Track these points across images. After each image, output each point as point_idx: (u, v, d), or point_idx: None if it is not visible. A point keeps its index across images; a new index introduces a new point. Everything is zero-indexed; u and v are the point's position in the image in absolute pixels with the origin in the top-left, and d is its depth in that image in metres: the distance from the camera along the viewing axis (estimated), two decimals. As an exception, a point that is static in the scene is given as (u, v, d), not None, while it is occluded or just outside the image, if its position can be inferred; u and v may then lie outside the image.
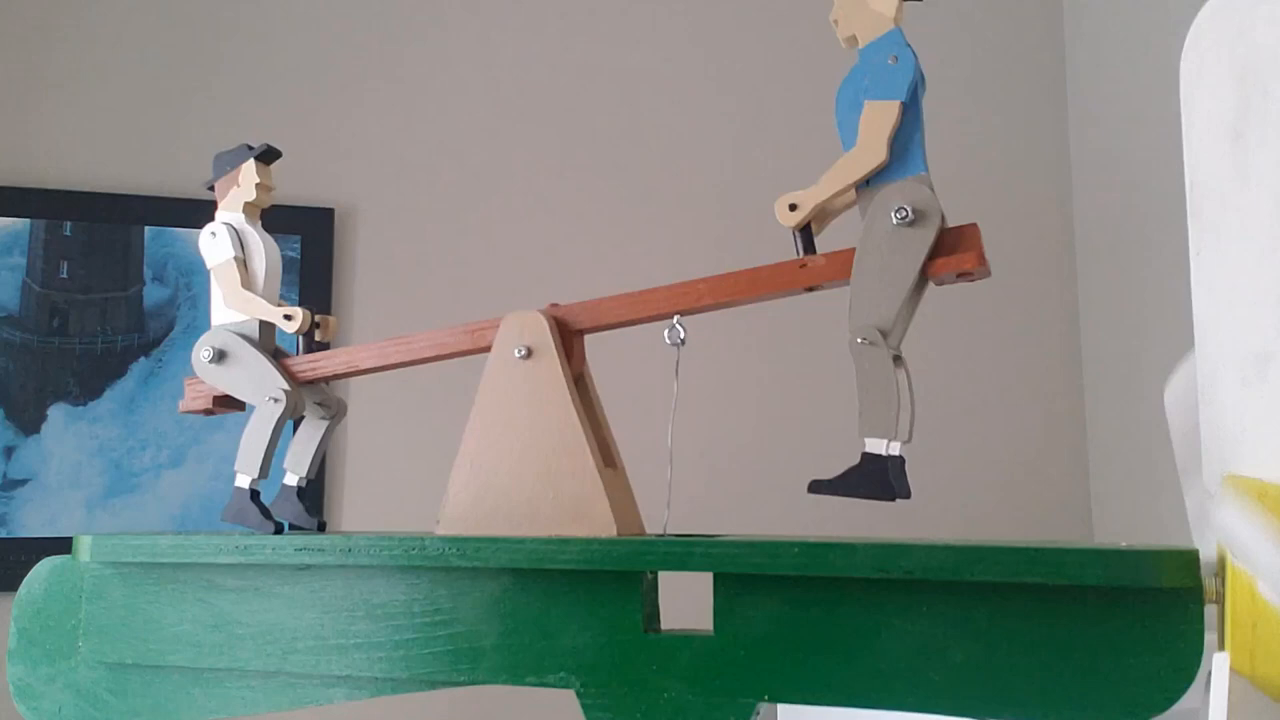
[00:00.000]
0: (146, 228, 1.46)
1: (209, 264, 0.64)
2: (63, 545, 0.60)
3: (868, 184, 0.51)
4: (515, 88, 1.63)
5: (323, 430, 0.65)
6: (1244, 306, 0.38)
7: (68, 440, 1.40)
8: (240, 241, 0.63)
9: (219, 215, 0.65)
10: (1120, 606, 0.44)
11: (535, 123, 1.63)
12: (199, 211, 1.54)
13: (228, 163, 0.65)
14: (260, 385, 0.62)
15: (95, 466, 1.41)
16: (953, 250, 0.50)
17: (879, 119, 0.51)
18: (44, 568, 0.62)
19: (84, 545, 0.59)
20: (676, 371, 0.56)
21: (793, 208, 0.52)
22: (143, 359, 1.44)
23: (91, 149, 1.48)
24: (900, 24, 0.52)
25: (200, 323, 1.45)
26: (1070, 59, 1.81)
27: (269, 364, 0.62)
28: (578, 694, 0.51)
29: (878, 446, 0.50)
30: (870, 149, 0.51)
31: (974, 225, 0.50)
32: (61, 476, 1.39)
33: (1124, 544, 0.45)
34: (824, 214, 0.54)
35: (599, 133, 1.64)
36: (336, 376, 0.64)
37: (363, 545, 0.53)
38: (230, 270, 0.63)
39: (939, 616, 0.46)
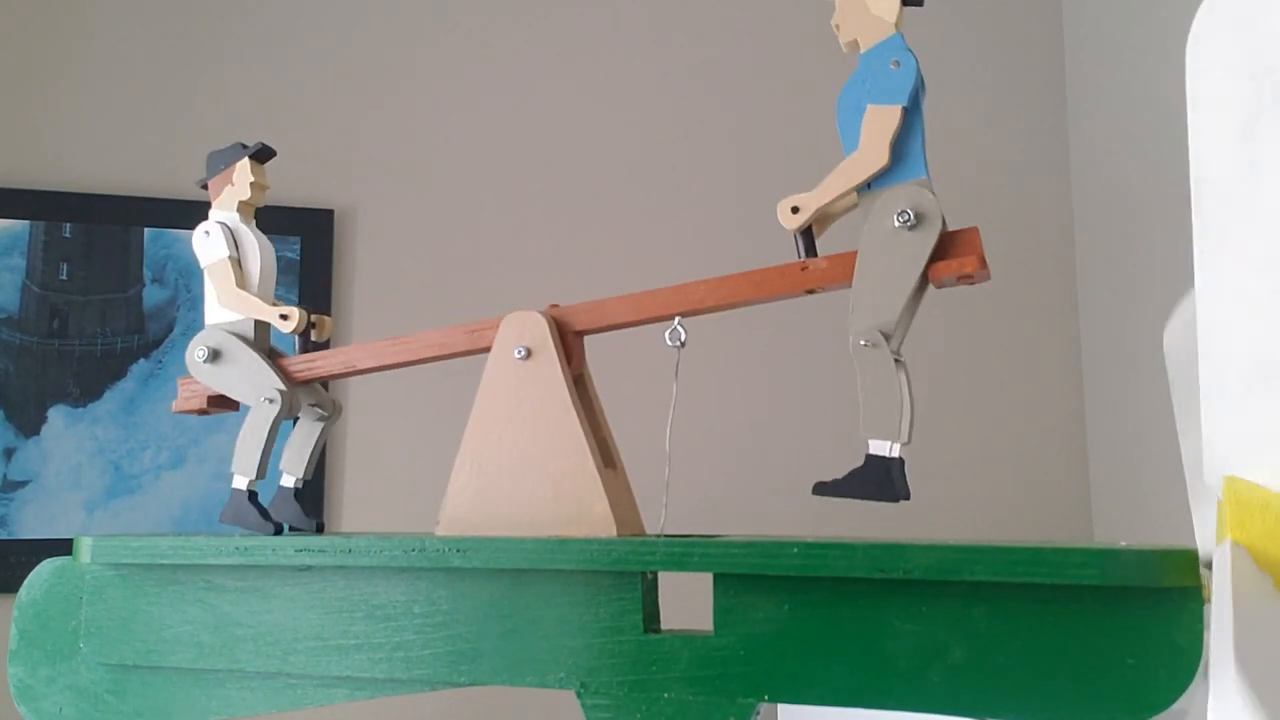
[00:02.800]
0: (146, 229, 1.46)
1: (202, 263, 0.63)
2: (63, 547, 0.60)
3: (869, 188, 0.51)
4: (515, 88, 1.63)
5: (318, 431, 0.65)
6: (1252, 310, 0.38)
7: (68, 442, 1.40)
8: (235, 240, 0.63)
9: (212, 214, 0.64)
10: (1120, 606, 0.44)
11: (535, 123, 1.63)
12: (198, 213, 1.54)
13: (221, 160, 0.64)
14: (255, 386, 0.62)
15: (95, 468, 1.41)
16: (953, 254, 0.50)
17: (881, 123, 0.51)
18: (44, 569, 0.62)
19: (84, 546, 0.59)
20: (676, 373, 0.56)
21: (794, 210, 0.52)
22: (142, 360, 1.44)
23: (91, 150, 1.48)
24: (901, 29, 0.52)
25: (199, 324, 1.45)
26: (1070, 59, 1.81)
27: (264, 364, 0.62)
28: (578, 694, 0.51)
29: (881, 448, 0.50)
30: (872, 153, 0.51)
31: (974, 229, 0.51)
32: (61, 478, 1.39)
33: (1124, 544, 0.45)
34: (825, 217, 0.54)
35: (599, 133, 1.64)
36: (334, 376, 0.64)
37: (363, 546, 0.53)
38: (225, 269, 0.63)
39: (939, 616, 0.46)
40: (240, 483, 0.61)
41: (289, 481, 0.64)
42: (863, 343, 0.50)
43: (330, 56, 1.58)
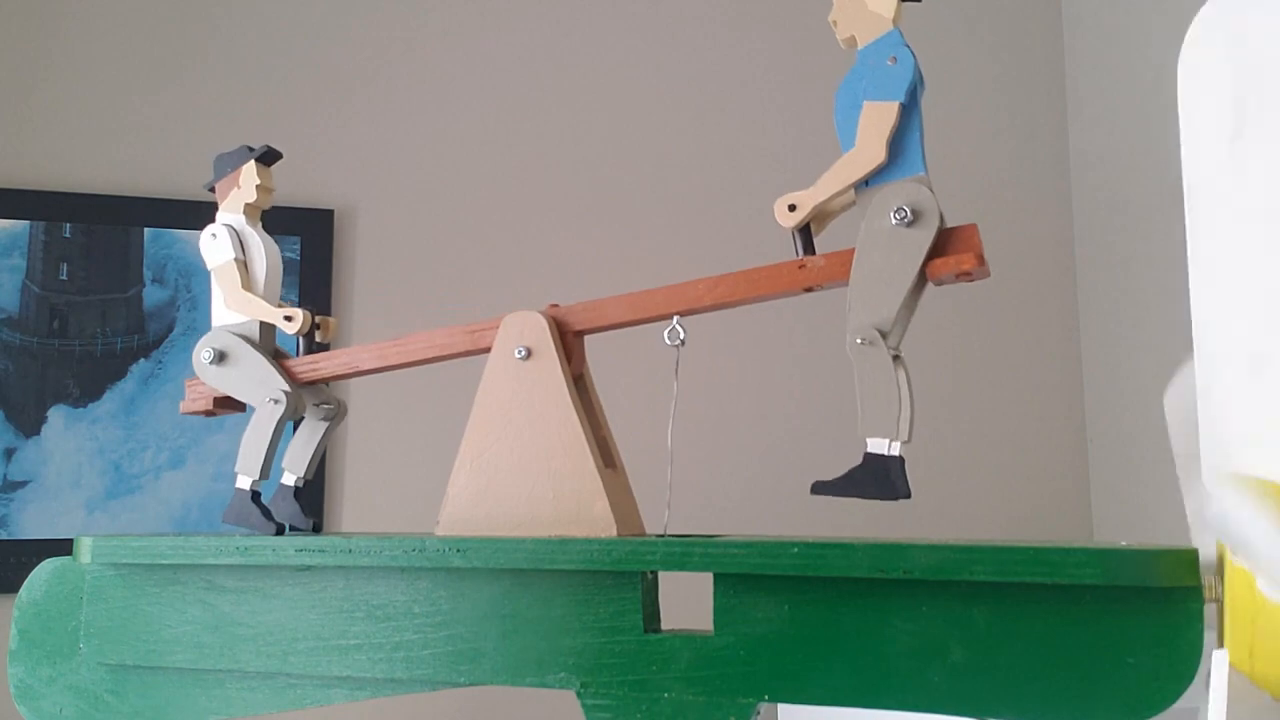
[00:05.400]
0: (146, 229, 1.46)
1: (209, 265, 0.64)
2: (63, 547, 0.61)
3: (867, 184, 0.51)
4: (515, 88, 1.63)
5: (322, 431, 0.65)
6: (1242, 306, 0.39)
7: (68, 442, 1.40)
8: (241, 243, 0.64)
9: (219, 216, 0.65)
10: (1120, 606, 0.44)
11: (535, 123, 1.63)
12: (199, 213, 1.54)
13: (228, 164, 0.65)
14: (261, 386, 0.62)
15: (95, 468, 1.41)
16: (951, 251, 0.50)
17: (878, 120, 0.51)
18: (45, 569, 0.62)
19: (84, 547, 0.59)
20: (676, 371, 0.56)
21: (792, 208, 0.52)
22: (142, 360, 1.44)
23: (91, 150, 1.48)
24: (899, 25, 0.52)
25: (200, 324, 1.45)
26: (1070, 59, 1.81)
27: (269, 365, 0.62)
28: (578, 694, 0.51)
29: (880, 446, 0.50)
30: (869, 150, 0.51)
31: (972, 226, 0.50)
32: (62, 478, 1.39)
33: (1124, 544, 0.45)
34: (823, 215, 0.54)
35: (598, 132, 1.64)
36: (336, 378, 0.64)
37: (363, 546, 0.53)
38: (231, 271, 0.63)
39: (939, 616, 0.46)
40: (244, 482, 0.62)
41: (290, 480, 0.64)
42: (859, 340, 0.50)
43: (330, 56, 1.58)
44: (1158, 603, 0.43)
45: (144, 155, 1.49)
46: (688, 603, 0.56)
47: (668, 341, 0.55)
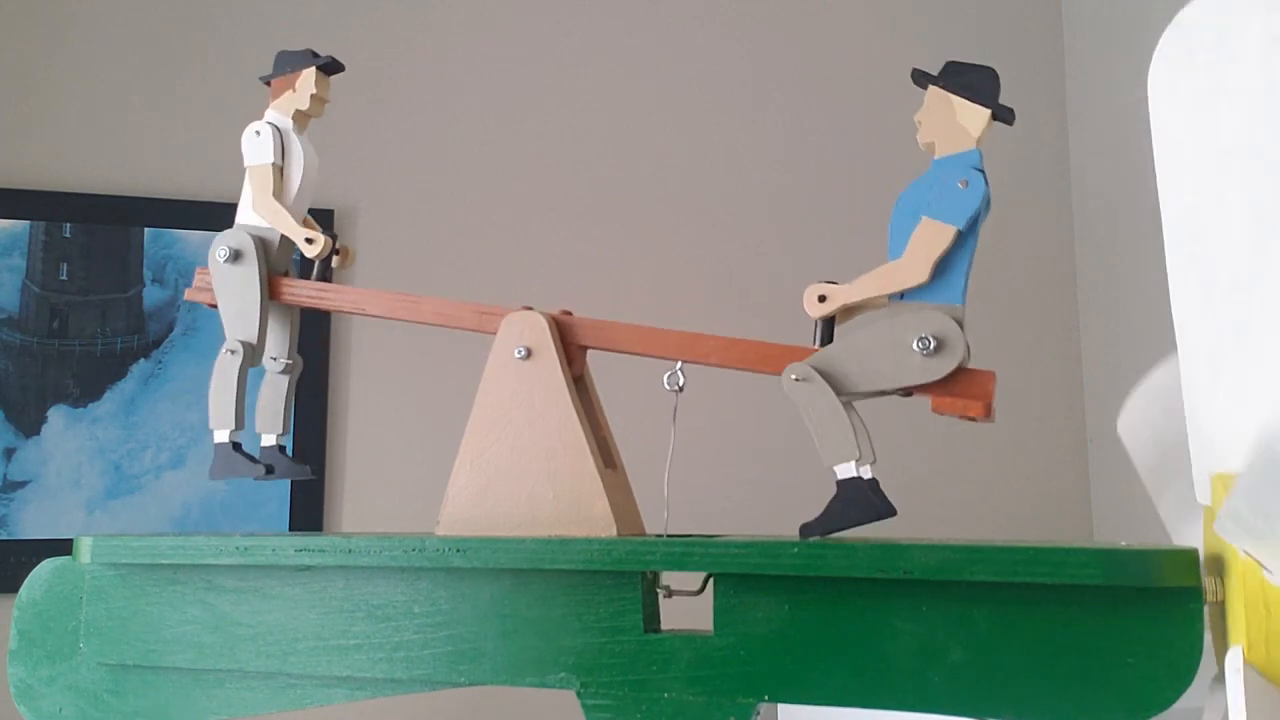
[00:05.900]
0: (146, 229, 1.46)
1: (246, 162, 0.62)
2: (63, 547, 0.60)
3: (902, 296, 0.51)
4: (515, 88, 1.63)
5: (285, 385, 0.64)
6: (1222, 306, 0.39)
7: (68, 442, 1.40)
8: (283, 147, 0.63)
9: (268, 115, 0.63)
10: (1120, 606, 0.44)
11: (535, 122, 1.63)
12: (199, 213, 1.55)
13: (288, 64, 0.64)
14: (234, 318, 0.61)
15: (95, 468, 1.40)
16: (962, 393, 0.50)
17: (931, 239, 0.50)
18: (45, 569, 0.62)
19: (84, 547, 0.59)
20: (674, 417, 0.56)
21: (822, 299, 0.52)
22: (142, 360, 1.44)
23: (91, 150, 1.48)
24: (983, 145, 0.51)
25: (200, 325, 1.45)
26: (1070, 59, 1.81)
27: (256, 302, 0.61)
28: (578, 694, 0.51)
29: (848, 470, 0.50)
30: (914, 268, 0.50)
31: (989, 373, 0.50)
32: (62, 478, 1.39)
33: (1124, 544, 0.45)
34: (850, 309, 0.53)
35: (599, 132, 1.64)
36: (342, 311, 0.64)
37: (363, 546, 0.53)
38: (266, 175, 0.62)
39: (939, 616, 0.46)
40: (222, 435, 0.61)
41: (270, 440, 0.64)
42: (794, 377, 0.50)
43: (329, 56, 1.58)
44: (1158, 603, 0.43)
45: (144, 155, 1.49)
46: (688, 603, 0.56)
47: (667, 386, 0.55)
